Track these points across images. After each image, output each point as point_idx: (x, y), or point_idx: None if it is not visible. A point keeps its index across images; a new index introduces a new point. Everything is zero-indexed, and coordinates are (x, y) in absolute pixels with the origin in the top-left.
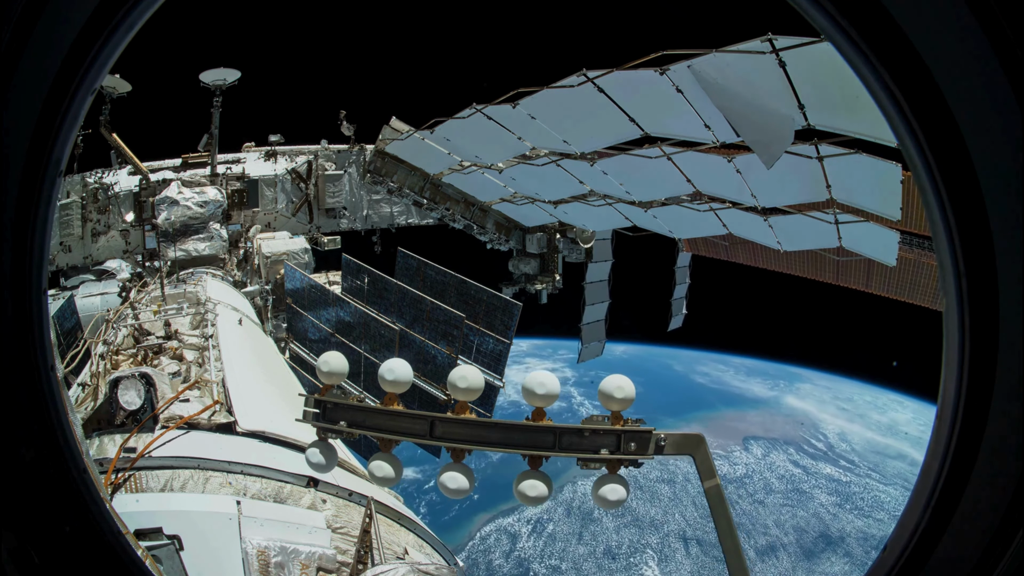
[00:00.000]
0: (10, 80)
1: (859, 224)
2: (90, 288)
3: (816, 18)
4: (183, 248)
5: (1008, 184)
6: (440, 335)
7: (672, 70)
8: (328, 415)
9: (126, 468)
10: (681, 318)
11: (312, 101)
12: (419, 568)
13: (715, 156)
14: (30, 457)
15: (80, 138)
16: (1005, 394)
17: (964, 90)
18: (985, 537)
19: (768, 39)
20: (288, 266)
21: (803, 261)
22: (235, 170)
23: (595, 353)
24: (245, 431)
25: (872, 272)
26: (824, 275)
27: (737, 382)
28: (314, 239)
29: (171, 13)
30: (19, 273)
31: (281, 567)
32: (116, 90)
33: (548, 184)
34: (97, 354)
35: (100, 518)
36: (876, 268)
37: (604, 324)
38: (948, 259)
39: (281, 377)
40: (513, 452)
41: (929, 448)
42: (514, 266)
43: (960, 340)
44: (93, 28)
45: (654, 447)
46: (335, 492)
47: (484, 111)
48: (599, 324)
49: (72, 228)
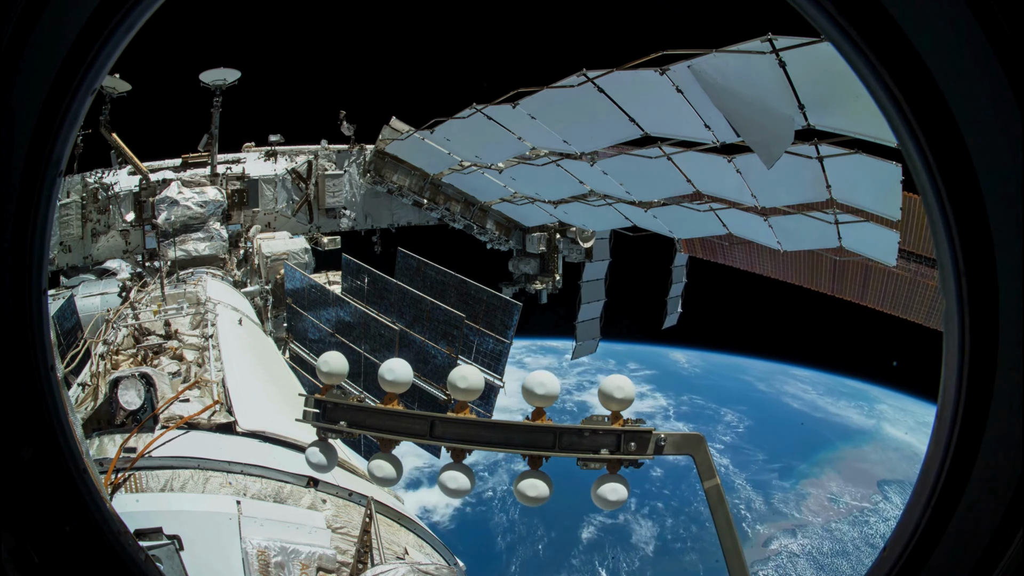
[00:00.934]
0: (10, 80)
1: (859, 224)
2: (90, 288)
3: (816, 18)
4: (183, 248)
5: (1008, 184)
6: (440, 335)
7: (672, 70)
8: (328, 415)
9: (126, 468)
10: (676, 316)
11: (312, 101)
12: (419, 568)
13: (715, 156)
14: (30, 457)
15: (80, 138)
16: (1005, 394)
17: (964, 90)
18: (985, 537)
19: (768, 39)
20: (288, 266)
21: (800, 268)
22: (235, 170)
23: (589, 350)
24: (245, 431)
25: (867, 286)
26: (820, 284)
27: (828, 405)
28: (314, 239)
29: (171, 13)
30: (19, 273)
31: (281, 567)
32: (116, 90)
33: (548, 184)
34: (97, 354)
35: (100, 518)
36: (872, 281)
37: (599, 322)
38: (948, 259)
39: (281, 377)
40: (513, 452)
41: (929, 448)
42: (514, 266)
43: (960, 340)
44: (93, 28)
45: (654, 447)
46: (335, 492)
47: (484, 111)
48: (594, 322)
49: (72, 228)
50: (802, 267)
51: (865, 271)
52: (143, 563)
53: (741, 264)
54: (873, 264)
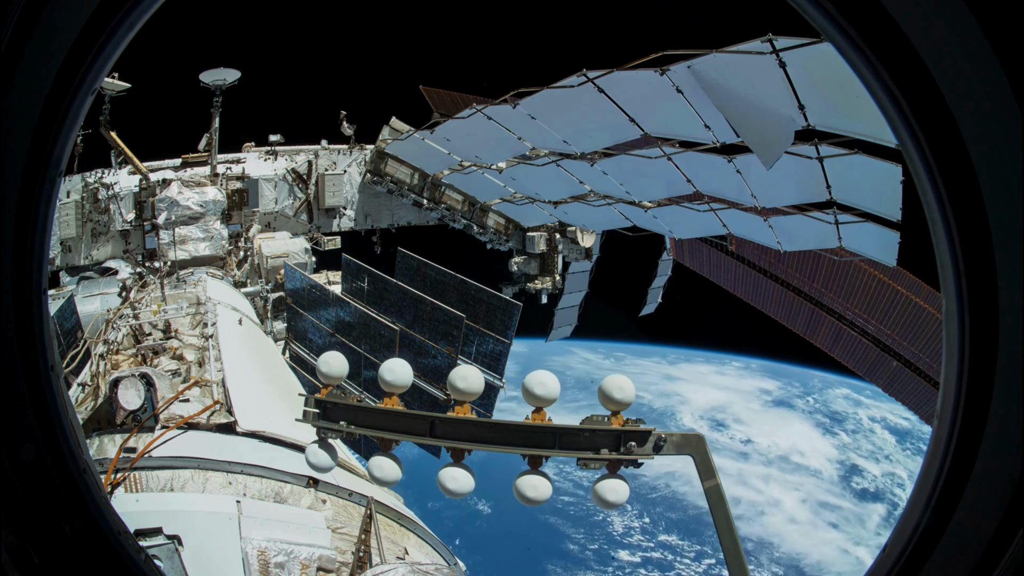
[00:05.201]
0: (10, 80)
1: (859, 224)
2: (90, 288)
3: (816, 18)
4: (183, 248)
5: (1008, 184)
6: (440, 335)
7: (672, 70)
8: (328, 415)
9: (126, 468)
10: (654, 306)
11: (312, 101)
12: (419, 568)
13: (715, 156)
14: (30, 457)
15: (80, 138)
16: (1005, 394)
17: (964, 90)
18: (985, 537)
19: (768, 39)
20: (288, 266)
21: (777, 304)
22: (235, 170)
23: (563, 335)
24: (245, 431)
25: (839, 342)
26: (796, 325)
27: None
28: (314, 239)
29: (171, 13)
30: (19, 273)
31: (281, 567)
32: (115, 90)
33: (548, 184)
34: (97, 354)
35: (100, 518)
36: (877, 308)
37: (577, 310)
38: (948, 259)
39: (281, 377)
40: (513, 452)
41: (929, 448)
42: (514, 266)
43: (960, 340)
44: (93, 28)
45: (654, 447)
46: (335, 492)
47: (484, 111)
48: (573, 310)
49: (72, 228)
50: (779, 304)
51: (837, 332)
52: (143, 563)
53: (726, 284)
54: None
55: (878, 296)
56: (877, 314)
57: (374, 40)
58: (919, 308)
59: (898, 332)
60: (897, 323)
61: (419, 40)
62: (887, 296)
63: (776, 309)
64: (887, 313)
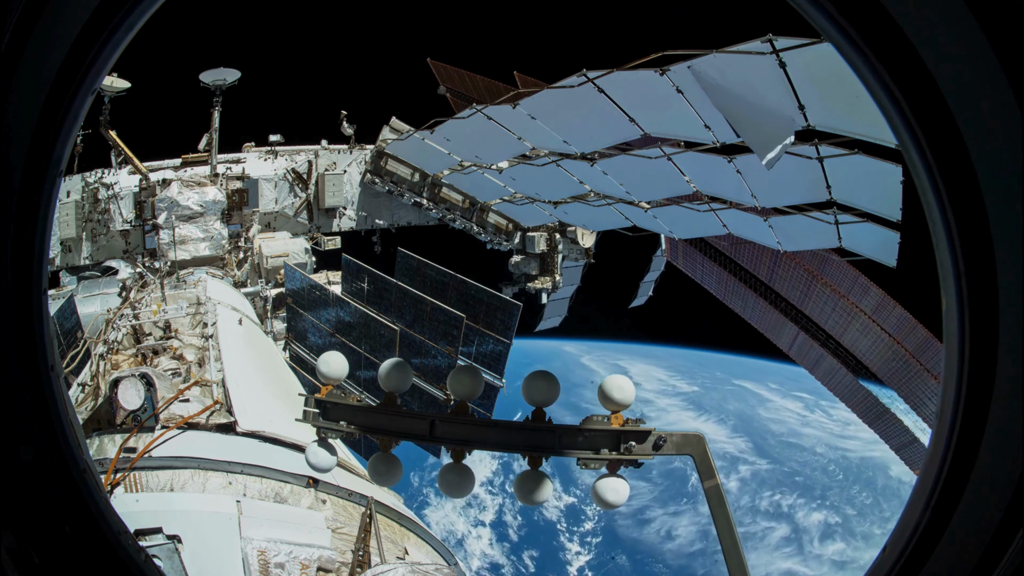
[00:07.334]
0: (10, 80)
1: (859, 224)
2: (90, 288)
3: (816, 18)
4: (183, 248)
5: (1008, 184)
6: (440, 335)
7: (672, 70)
8: (328, 415)
9: (126, 468)
10: (645, 299)
11: (312, 101)
12: (419, 568)
13: (715, 156)
14: (30, 457)
15: (80, 138)
16: (1005, 394)
17: (964, 90)
18: (985, 537)
19: (768, 39)
20: (288, 266)
21: (766, 320)
22: (235, 170)
23: (552, 325)
24: (245, 431)
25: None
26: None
27: None
28: (314, 239)
29: (171, 13)
30: (19, 273)
31: (281, 567)
32: (115, 90)
33: (548, 184)
34: (97, 354)
35: (100, 518)
36: None
37: (567, 303)
38: (948, 259)
39: (281, 377)
40: (513, 452)
41: (929, 448)
42: (514, 266)
43: (960, 340)
44: (93, 28)
45: (653, 446)
46: (335, 492)
47: (484, 111)
48: (563, 302)
49: (72, 228)
50: (769, 321)
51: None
52: (143, 563)
53: (716, 292)
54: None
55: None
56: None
57: (374, 40)
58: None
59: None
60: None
61: (419, 41)
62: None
63: (763, 324)
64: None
